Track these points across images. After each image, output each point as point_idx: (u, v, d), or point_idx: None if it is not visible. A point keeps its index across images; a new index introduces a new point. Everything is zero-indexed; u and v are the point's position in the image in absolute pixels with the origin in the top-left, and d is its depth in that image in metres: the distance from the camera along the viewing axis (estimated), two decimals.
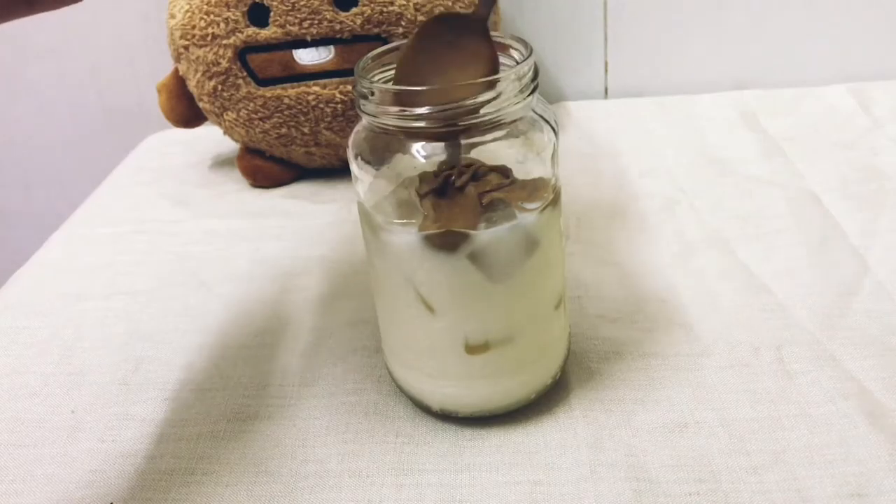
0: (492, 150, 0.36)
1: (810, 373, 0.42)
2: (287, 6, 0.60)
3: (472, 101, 0.34)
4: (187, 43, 0.63)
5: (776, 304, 0.47)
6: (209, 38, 0.62)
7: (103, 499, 0.38)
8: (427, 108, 0.33)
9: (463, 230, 0.35)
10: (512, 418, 0.40)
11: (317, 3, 0.60)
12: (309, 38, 0.61)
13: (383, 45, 0.39)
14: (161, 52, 0.68)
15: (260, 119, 0.64)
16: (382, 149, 0.36)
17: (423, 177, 0.36)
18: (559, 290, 0.40)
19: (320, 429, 0.41)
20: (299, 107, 0.63)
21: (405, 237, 0.36)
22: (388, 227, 0.37)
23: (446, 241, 0.36)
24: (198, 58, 0.63)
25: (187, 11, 0.63)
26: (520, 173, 0.37)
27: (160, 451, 0.41)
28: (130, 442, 0.42)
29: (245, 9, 0.61)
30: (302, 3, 0.60)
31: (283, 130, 0.64)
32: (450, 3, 0.62)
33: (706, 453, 0.38)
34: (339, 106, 0.62)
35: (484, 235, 0.35)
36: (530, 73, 0.35)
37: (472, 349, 0.38)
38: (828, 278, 0.49)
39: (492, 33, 0.38)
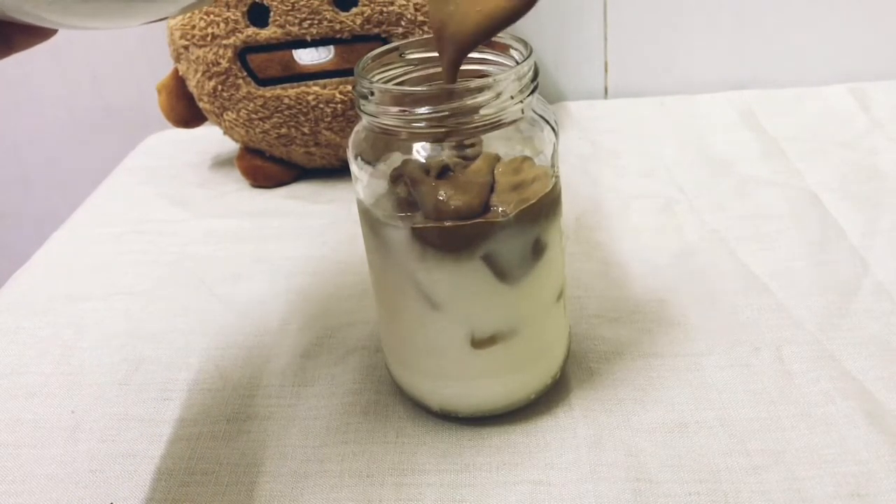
0: (492, 151, 0.36)
1: (810, 373, 0.42)
2: (287, 6, 0.60)
3: (471, 101, 0.34)
4: (187, 43, 0.63)
5: (776, 304, 0.47)
6: (209, 38, 0.62)
7: (103, 499, 0.38)
8: (427, 108, 0.33)
9: (465, 222, 0.35)
10: (512, 418, 0.40)
11: (317, 3, 0.60)
12: (309, 38, 0.61)
13: (383, 45, 0.39)
14: (161, 52, 0.68)
15: (260, 119, 0.64)
16: (382, 149, 0.36)
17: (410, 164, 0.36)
18: (560, 284, 0.40)
19: (320, 429, 0.41)
20: (299, 107, 0.63)
21: (407, 233, 0.36)
22: (388, 223, 0.37)
23: (447, 241, 0.36)
24: (198, 58, 0.63)
25: None
26: None
27: (160, 451, 0.41)
28: (130, 442, 0.42)
29: (245, 9, 0.61)
30: (302, 3, 0.60)
31: (283, 130, 0.64)
32: None
33: (706, 453, 0.38)
34: (339, 106, 0.62)
35: (490, 234, 0.35)
36: (530, 73, 0.35)
37: (478, 343, 0.38)
38: (828, 278, 0.49)
39: None
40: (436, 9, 0.34)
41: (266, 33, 0.61)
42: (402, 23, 0.61)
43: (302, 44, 0.61)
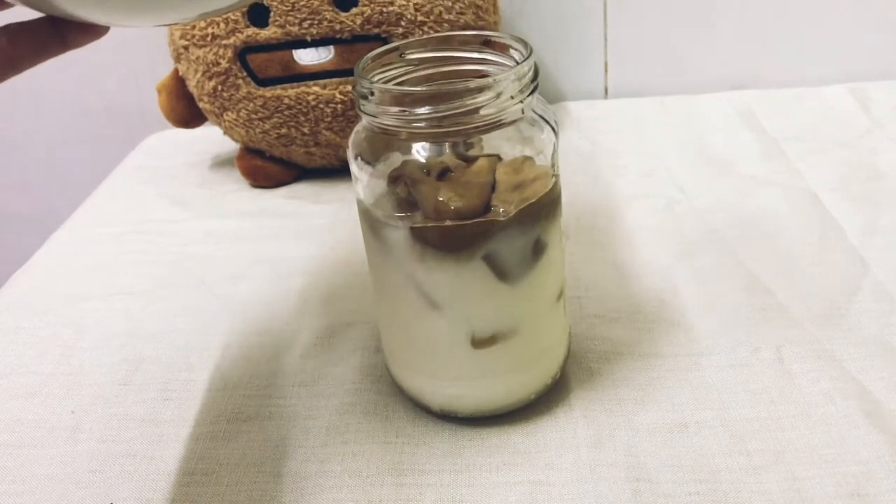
0: (492, 150, 0.36)
1: (810, 373, 0.42)
2: (287, 6, 0.60)
3: (471, 101, 0.34)
4: (187, 43, 0.63)
5: (776, 304, 0.47)
6: (209, 38, 0.62)
7: (103, 499, 0.38)
8: (427, 108, 0.33)
9: (466, 221, 0.35)
10: (512, 418, 0.40)
11: (317, 3, 0.60)
12: (309, 38, 0.61)
13: (383, 45, 0.39)
14: (161, 52, 0.68)
15: (260, 119, 0.64)
16: (382, 149, 0.36)
17: (411, 165, 0.36)
18: (560, 284, 0.40)
19: (320, 429, 0.41)
20: (299, 107, 0.63)
21: (406, 233, 0.36)
22: (388, 223, 0.37)
23: (447, 241, 0.36)
24: (198, 58, 0.63)
25: None
26: None
27: (160, 451, 0.41)
28: (130, 442, 0.42)
29: (245, 9, 0.61)
30: (302, 3, 0.60)
31: (283, 130, 0.64)
32: (450, 4, 0.62)
33: (706, 453, 0.38)
34: (339, 106, 0.62)
35: (491, 233, 0.35)
36: (530, 73, 0.35)
37: (478, 343, 0.38)
38: (828, 278, 0.49)
39: (492, 33, 0.38)
40: None
41: (266, 33, 0.61)
42: (402, 23, 0.61)
43: (302, 44, 0.61)
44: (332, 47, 0.62)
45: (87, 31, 0.31)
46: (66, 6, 0.27)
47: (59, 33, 0.30)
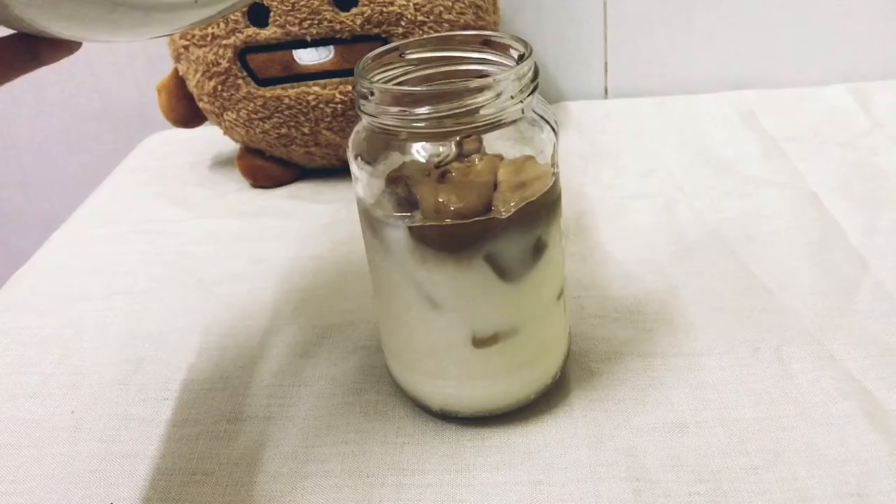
0: (492, 151, 0.36)
1: (810, 373, 0.42)
2: (287, 6, 0.60)
3: (471, 101, 0.34)
4: (187, 43, 0.63)
5: (776, 304, 0.47)
6: (209, 38, 0.62)
7: (103, 499, 0.38)
8: (427, 108, 0.33)
9: (467, 220, 0.35)
10: (512, 418, 0.40)
11: (317, 3, 0.60)
12: (309, 38, 0.61)
13: (383, 45, 0.39)
14: (161, 52, 0.68)
15: (260, 119, 0.64)
16: (382, 149, 0.36)
17: (412, 166, 0.36)
18: (560, 283, 0.40)
19: (320, 429, 0.41)
20: (299, 107, 0.63)
21: (407, 233, 0.36)
22: (388, 223, 0.37)
23: (448, 240, 0.36)
24: (198, 58, 0.63)
25: None
26: None
27: (160, 451, 0.41)
28: (130, 442, 0.42)
29: (245, 9, 0.61)
30: (302, 3, 0.60)
31: (283, 130, 0.64)
32: (450, 4, 0.62)
33: (706, 453, 0.38)
34: (339, 106, 0.62)
35: (492, 233, 0.35)
36: (530, 73, 0.35)
37: (479, 342, 0.38)
38: (828, 278, 0.49)
39: (492, 33, 0.38)
40: None
41: (266, 33, 0.61)
42: (402, 23, 0.61)
43: (302, 44, 0.61)
44: (332, 47, 0.62)
45: (59, 48, 0.31)
46: (41, 25, 0.27)
47: (31, 49, 0.30)
